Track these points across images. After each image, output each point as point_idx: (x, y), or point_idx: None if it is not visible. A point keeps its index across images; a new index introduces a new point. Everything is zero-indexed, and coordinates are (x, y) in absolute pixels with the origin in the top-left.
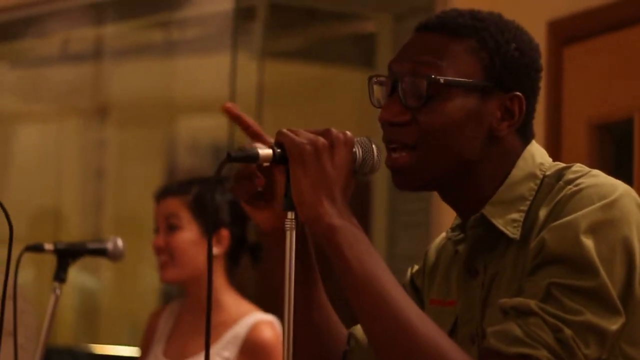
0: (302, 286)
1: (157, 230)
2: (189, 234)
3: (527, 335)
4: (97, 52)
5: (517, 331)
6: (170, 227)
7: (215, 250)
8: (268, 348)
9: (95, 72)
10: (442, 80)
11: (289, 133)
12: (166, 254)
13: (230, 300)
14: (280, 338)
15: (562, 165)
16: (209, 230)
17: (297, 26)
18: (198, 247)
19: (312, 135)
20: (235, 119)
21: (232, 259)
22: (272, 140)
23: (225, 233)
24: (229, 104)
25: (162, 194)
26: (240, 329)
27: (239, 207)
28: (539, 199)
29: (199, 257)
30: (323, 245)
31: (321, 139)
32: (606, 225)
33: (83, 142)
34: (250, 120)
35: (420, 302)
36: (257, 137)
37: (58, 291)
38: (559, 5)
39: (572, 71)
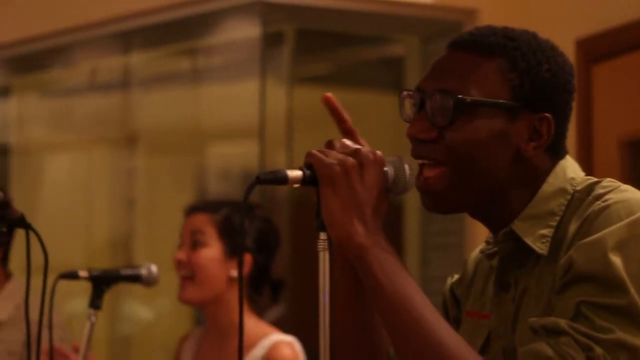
0: (353, 290)
1: (181, 245)
2: (212, 252)
3: (558, 354)
4: (124, 81)
5: (548, 351)
6: (195, 243)
7: (235, 272)
8: None
9: (123, 101)
10: (468, 100)
11: (318, 154)
12: (187, 270)
13: (249, 323)
14: (299, 358)
15: (593, 179)
16: (238, 251)
17: (325, 51)
18: (219, 266)
19: (341, 156)
20: (332, 110)
21: (254, 287)
22: (363, 141)
23: (248, 258)
24: (329, 95)
25: (192, 210)
26: (258, 352)
27: (266, 236)
28: (569, 214)
29: (219, 277)
30: (355, 266)
31: (350, 159)
32: (634, 242)
33: (113, 172)
34: (346, 115)
35: (460, 312)
36: (349, 135)
37: (93, 318)
38: (587, 24)
39: (602, 89)
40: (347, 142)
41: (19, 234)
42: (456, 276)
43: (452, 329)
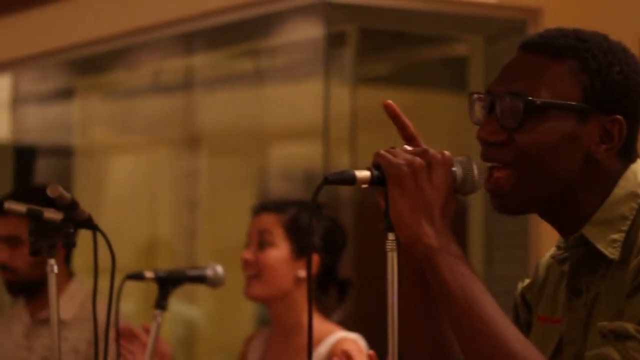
0: (418, 293)
1: (248, 245)
2: (279, 252)
3: (625, 359)
4: (187, 83)
5: (615, 355)
6: (262, 242)
7: (302, 272)
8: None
9: (186, 103)
10: (538, 102)
11: (386, 154)
12: (254, 269)
13: (315, 322)
14: (364, 355)
15: None
16: (306, 251)
17: (388, 51)
18: (287, 266)
19: (409, 156)
20: (393, 117)
21: (320, 287)
22: (425, 145)
23: (316, 258)
24: (389, 102)
25: (259, 209)
26: (323, 349)
27: (333, 236)
28: None
29: (286, 277)
30: (422, 267)
31: (418, 159)
32: None
33: (175, 173)
34: (407, 121)
35: (531, 316)
36: (411, 141)
37: (159, 319)
38: None
39: None
40: (409, 148)
41: (82, 234)
42: (527, 280)
43: (520, 333)
